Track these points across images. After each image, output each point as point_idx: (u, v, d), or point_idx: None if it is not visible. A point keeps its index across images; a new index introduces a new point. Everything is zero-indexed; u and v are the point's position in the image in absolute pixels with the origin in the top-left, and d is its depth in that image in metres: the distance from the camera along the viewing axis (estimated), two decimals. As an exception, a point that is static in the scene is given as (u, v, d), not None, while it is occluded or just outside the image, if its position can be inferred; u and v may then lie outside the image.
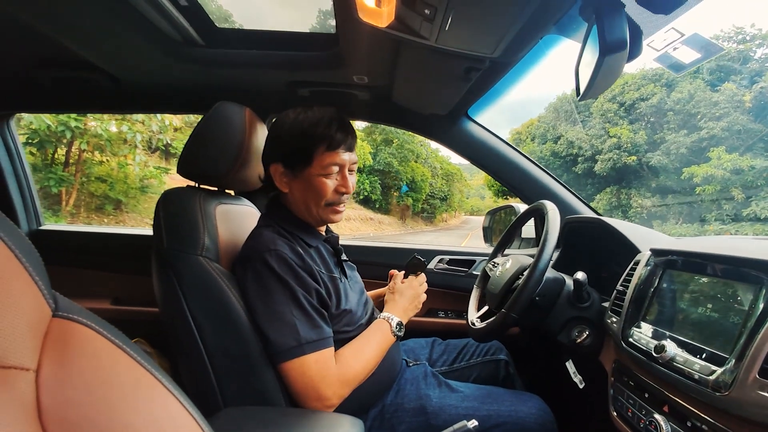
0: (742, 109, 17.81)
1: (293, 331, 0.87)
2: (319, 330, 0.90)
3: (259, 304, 0.90)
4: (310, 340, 0.87)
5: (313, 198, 0.99)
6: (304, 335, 0.87)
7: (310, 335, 0.87)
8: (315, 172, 0.96)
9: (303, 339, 0.86)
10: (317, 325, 0.90)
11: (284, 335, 0.87)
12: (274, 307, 0.88)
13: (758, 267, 0.65)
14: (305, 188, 0.98)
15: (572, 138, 23.04)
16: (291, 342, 0.86)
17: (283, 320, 0.87)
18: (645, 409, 0.78)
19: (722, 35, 20.43)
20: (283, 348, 0.86)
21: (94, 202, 7.55)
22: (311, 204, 0.99)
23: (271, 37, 1.28)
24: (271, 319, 0.88)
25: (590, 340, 1.02)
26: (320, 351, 0.88)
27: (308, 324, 0.88)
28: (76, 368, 0.37)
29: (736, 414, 0.60)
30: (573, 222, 1.37)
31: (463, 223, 36.44)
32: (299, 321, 0.88)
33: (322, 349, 0.88)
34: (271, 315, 0.88)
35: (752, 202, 15.36)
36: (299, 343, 0.86)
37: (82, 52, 1.25)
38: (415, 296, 1.13)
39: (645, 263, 0.91)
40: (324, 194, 0.97)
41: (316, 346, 0.88)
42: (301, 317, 0.88)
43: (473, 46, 0.92)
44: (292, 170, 0.98)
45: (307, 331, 0.88)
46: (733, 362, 0.61)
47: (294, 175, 0.98)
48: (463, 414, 0.96)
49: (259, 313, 0.89)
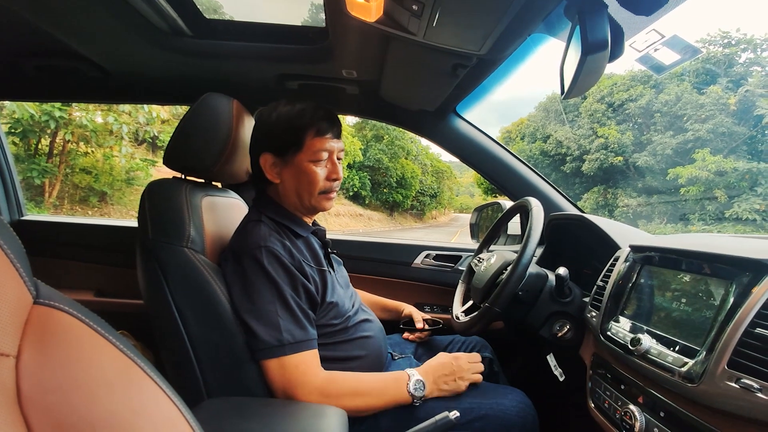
0: (727, 111, 18.14)
1: (276, 330, 0.87)
2: (303, 332, 0.90)
3: (245, 300, 0.90)
4: (292, 341, 0.88)
5: (306, 187, 1.00)
6: (287, 336, 0.87)
7: (293, 336, 0.88)
8: (306, 157, 0.98)
9: (285, 340, 0.87)
10: (302, 327, 0.90)
11: (267, 334, 0.87)
12: (260, 304, 0.89)
13: (729, 263, 0.67)
14: (297, 176, 1.00)
15: (561, 137, 23.26)
16: (272, 341, 0.87)
17: (268, 318, 0.88)
18: (621, 401, 0.80)
19: (709, 39, 20.75)
20: (265, 346, 0.87)
21: (78, 193, 7.43)
22: (304, 193, 1.01)
23: (261, 29, 1.27)
24: (256, 316, 0.88)
25: (571, 334, 1.05)
26: (301, 353, 0.88)
27: (293, 324, 0.89)
28: (57, 355, 0.37)
29: (706, 404, 0.62)
30: (557, 219, 1.39)
31: (452, 221, 36.59)
32: (283, 321, 0.88)
33: (304, 350, 0.89)
34: (256, 312, 0.89)
35: (734, 204, 15.69)
36: (281, 343, 0.87)
37: (66, 41, 1.23)
38: (457, 371, 1.01)
39: (624, 259, 0.93)
40: (316, 182, 0.99)
41: (297, 347, 0.88)
42: (286, 317, 0.89)
43: (460, 42, 0.93)
44: (282, 158, 0.99)
45: (291, 332, 0.88)
46: (704, 354, 0.63)
47: (285, 162, 1.00)
48: (445, 406, 0.97)
49: (245, 309, 0.90)
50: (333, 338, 1.00)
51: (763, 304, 0.59)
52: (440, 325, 1.34)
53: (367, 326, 1.09)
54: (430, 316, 1.38)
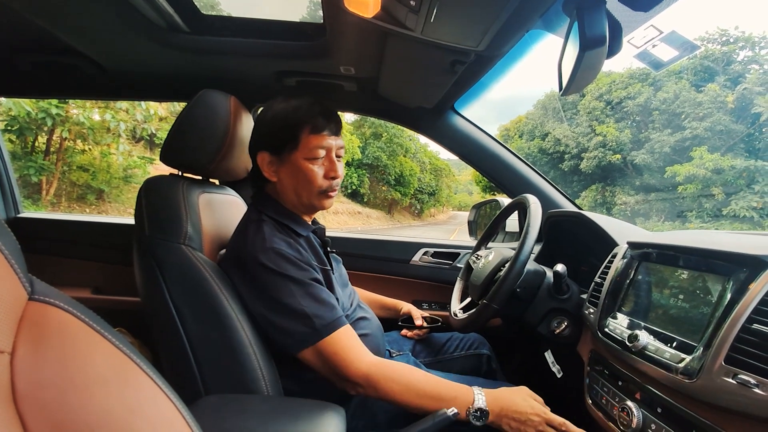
0: (725, 109, 18.17)
1: (305, 318, 0.87)
2: (331, 311, 0.90)
3: (265, 303, 0.90)
4: (324, 323, 0.88)
5: (303, 185, 0.99)
6: (317, 321, 0.87)
7: (323, 318, 0.88)
8: (302, 155, 0.96)
9: (317, 324, 0.87)
10: (329, 306, 0.90)
11: (298, 325, 0.87)
12: (282, 301, 0.88)
13: (726, 259, 0.67)
14: (294, 175, 0.98)
15: (559, 135, 23.27)
16: (306, 329, 0.87)
17: (293, 311, 0.88)
18: (618, 397, 0.81)
19: (707, 37, 20.76)
20: (300, 337, 0.87)
21: (76, 191, 7.41)
22: (302, 192, 0.99)
23: (258, 26, 1.27)
24: (281, 314, 0.88)
25: (569, 330, 1.05)
26: (336, 332, 0.88)
27: (319, 308, 0.89)
28: (52, 351, 0.37)
29: (703, 400, 0.62)
30: (555, 216, 1.39)
31: (450, 219, 36.61)
32: (308, 308, 0.88)
33: (338, 328, 0.89)
34: (280, 309, 0.88)
35: (732, 201, 15.74)
36: (314, 328, 0.87)
37: (63, 37, 1.22)
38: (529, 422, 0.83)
39: (622, 256, 0.93)
40: (314, 180, 0.97)
41: (332, 327, 0.88)
42: (309, 303, 0.89)
43: (458, 38, 0.93)
44: (279, 156, 0.98)
45: (319, 316, 0.88)
46: (701, 350, 0.64)
47: (281, 161, 0.98)
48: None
49: (269, 311, 0.89)
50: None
51: (760, 300, 0.59)
52: (439, 323, 1.34)
53: (365, 324, 1.08)
54: (428, 314, 1.38)
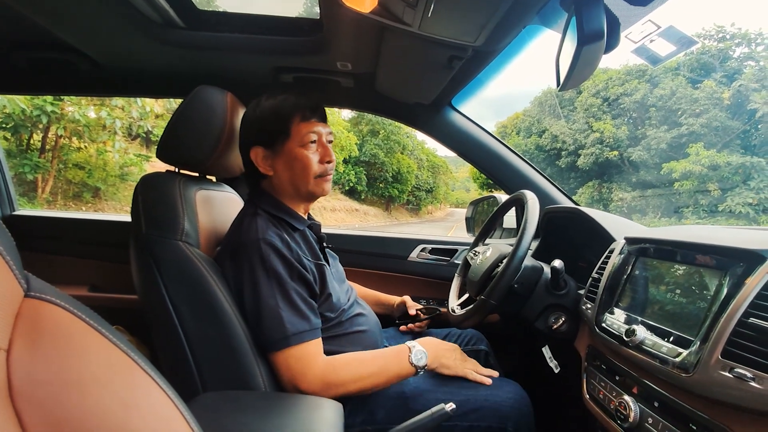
0: (721, 106, 18.23)
1: (280, 323, 0.88)
2: (305, 322, 0.91)
3: (247, 296, 0.91)
4: (294, 332, 0.88)
5: (300, 173, 1.00)
6: (290, 328, 0.88)
7: (295, 328, 0.89)
8: (295, 144, 0.99)
9: (288, 332, 0.88)
10: (304, 317, 0.91)
11: (270, 327, 0.88)
12: (262, 299, 0.89)
13: (723, 253, 0.68)
14: (290, 165, 1.00)
15: (556, 132, 23.30)
16: (276, 334, 0.88)
17: (271, 312, 0.89)
18: (615, 391, 0.81)
19: (704, 33, 20.80)
20: (270, 340, 0.88)
21: (72, 189, 7.36)
22: (299, 181, 1.01)
23: (255, 21, 1.26)
24: (259, 311, 0.89)
25: (566, 326, 1.05)
26: (304, 344, 0.89)
27: (295, 316, 0.90)
28: (49, 348, 0.37)
29: (699, 393, 0.63)
30: (552, 212, 1.39)
31: (448, 215, 36.57)
32: (285, 312, 0.89)
33: (307, 341, 0.90)
34: (259, 306, 0.89)
35: (728, 198, 15.82)
36: (284, 335, 0.88)
37: (58, 33, 1.21)
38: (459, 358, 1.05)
39: (619, 251, 0.93)
40: (310, 166, 1.00)
41: (300, 338, 0.89)
42: (287, 309, 0.89)
43: (456, 33, 0.93)
44: (272, 149, 1.00)
45: (293, 323, 0.89)
46: (698, 344, 0.64)
47: (275, 153, 1.00)
48: (441, 398, 0.98)
49: (248, 304, 0.90)
50: (328, 332, 1.00)
51: (757, 294, 0.59)
52: (437, 312, 1.33)
53: (362, 320, 1.09)
54: (423, 306, 1.38)
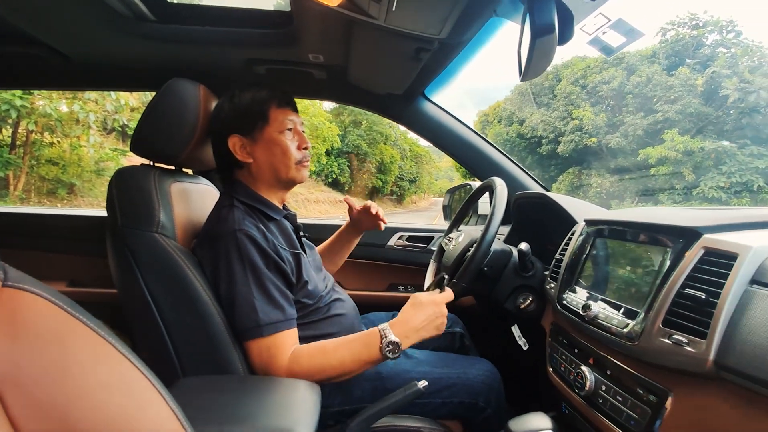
0: (695, 92, 18.63)
1: (253, 312, 0.89)
2: (279, 312, 0.91)
3: (222, 284, 0.92)
4: (267, 322, 0.89)
5: (280, 158, 1.02)
6: (263, 317, 0.89)
7: (268, 317, 0.90)
8: (274, 129, 1.01)
9: (261, 321, 0.89)
10: (278, 307, 0.92)
11: (244, 316, 0.89)
12: (237, 287, 0.90)
13: (666, 231, 0.73)
14: (269, 150, 1.02)
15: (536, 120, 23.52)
16: (249, 323, 0.89)
17: (245, 301, 0.90)
18: (574, 363, 0.87)
19: (678, 20, 21.16)
20: (243, 328, 0.90)
21: (46, 186, 7.17)
22: (280, 167, 1.03)
23: (226, 14, 1.26)
24: (233, 299, 0.90)
25: (534, 306, 1.11)
26: (277, 334, 0.90)
27: (269, 306, 0.91)
28: (30, 336, 0.38)
29: (644, 360, 0.68)
30: (521, 198, 1.44)
31: (432, 205, 36.65)
32: (259, 302, 0.90)
33: (281, 330, 0.91)
34: (233, 295, 0.90)
35: (701, 182, 16.27)
36: (257, 324, 0.89)
37: (24, 26, 1.19)
38: (438, 315, 0.96)
39: (580, 233, 0.99)
40: (290, 152, 1.02)
41: (274, 328, 0.90)
42: (261, 298, 0.90)
43: (420, 26, 0.95)
44: (251, 136, 1.01)
45: (267, 313, 0.90)
46: (643, 315, 0.70)
47: (254, 140, 1.01)
48: (416, 377, 1.02)
49: (223, 293, 0.92)
50: (306, 318, 1.03)
51: (693, 267, 0.65)
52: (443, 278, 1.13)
53: (340, 305, 1.12)
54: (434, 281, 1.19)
